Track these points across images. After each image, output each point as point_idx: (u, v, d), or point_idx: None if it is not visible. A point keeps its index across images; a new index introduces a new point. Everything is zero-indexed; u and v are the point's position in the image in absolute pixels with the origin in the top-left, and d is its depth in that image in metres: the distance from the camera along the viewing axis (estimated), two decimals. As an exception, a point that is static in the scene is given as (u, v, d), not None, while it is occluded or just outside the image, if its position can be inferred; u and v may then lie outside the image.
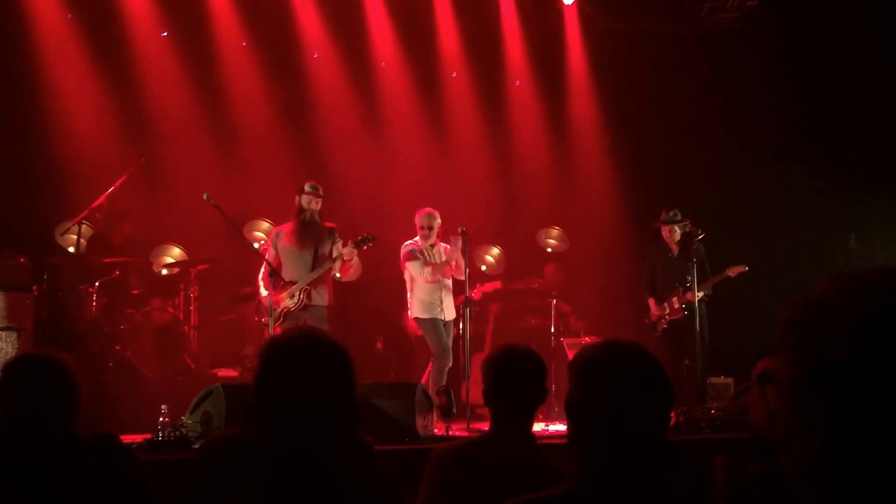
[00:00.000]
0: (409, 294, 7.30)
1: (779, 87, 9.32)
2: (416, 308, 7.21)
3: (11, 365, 2.52)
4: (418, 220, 7.24)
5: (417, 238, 7.27)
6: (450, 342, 7.12)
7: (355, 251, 6.88)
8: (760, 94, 9.41)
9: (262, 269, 6.99)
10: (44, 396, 2.44)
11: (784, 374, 1.00)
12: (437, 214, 7.25)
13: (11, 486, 2.29)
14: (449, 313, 7.21)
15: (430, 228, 7.16)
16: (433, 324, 7.11)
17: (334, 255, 6.90)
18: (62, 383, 2.48)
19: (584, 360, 1.74)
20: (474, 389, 6.83)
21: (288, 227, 7.03)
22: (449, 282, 7.23)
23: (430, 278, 7.09)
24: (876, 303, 0.96)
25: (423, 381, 7.04)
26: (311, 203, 6.95)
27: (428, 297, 7.15)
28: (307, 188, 7.00)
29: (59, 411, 2.46)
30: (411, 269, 7.20)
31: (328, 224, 7.11)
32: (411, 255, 7.21)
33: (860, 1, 8.72)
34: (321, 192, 7.02)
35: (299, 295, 6.82)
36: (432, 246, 7.23)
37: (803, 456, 0.96)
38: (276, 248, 7.01)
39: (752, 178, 9.44)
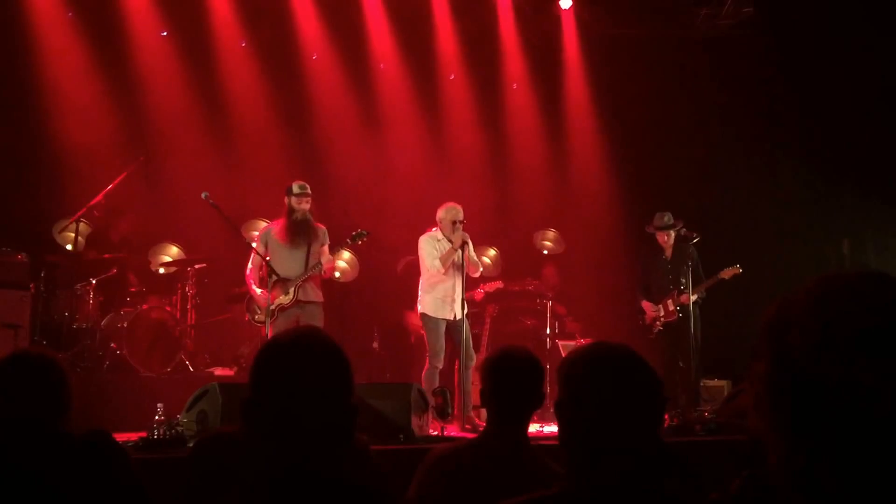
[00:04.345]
0: (420, 289, 7.15)
1: (773, 92, 9.38)
2: (425, 304, 7.07)
3: (4, 362, 2.50)
4: (440, 213, 7.07)
5: (434, 230, 7.12)
6: (464, 338, 6.90)
7: (333, 259, 6.87)
8: (755, 100, 9.46)
9: (249, 265, 7.00)
10: (36, 394, 2.44)
11: (757, 376, 1.00)
12: (459, 208, 7.03)
13: (3, 484, 2.29)
14: (459, 311, 6.99)
15: (453, 222, 6.94)
16: (437, 325, 7.00)
17: (321, 258, 6.89)
18: (54, 381, 2.48)
19: (572, 362, 1.76)
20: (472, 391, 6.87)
21: (279, 224, 7.03)
22: (461, 280, 6.97)
23: (442, 268, 6.94)
24: (847, 312, 0.95)
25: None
26: (300, 203, 6.94)
27: (440, 294, 7.00)
28: (295, 189, 6.98)
29: (51, 409, 2.46)
30: (423, 261, 7.07)
31: (319, 225, 7.10)
32: (425, 245, 7.08)
33: (855, 7, 8.77)
34: (309, 192, 6.99)
35: (293, 291, 6.85)
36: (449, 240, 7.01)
37: (775, 459, 0.96)
38: (265, 245, 7.00)
39: (746, 183, 9.48)
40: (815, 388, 0.93)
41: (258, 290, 6.90)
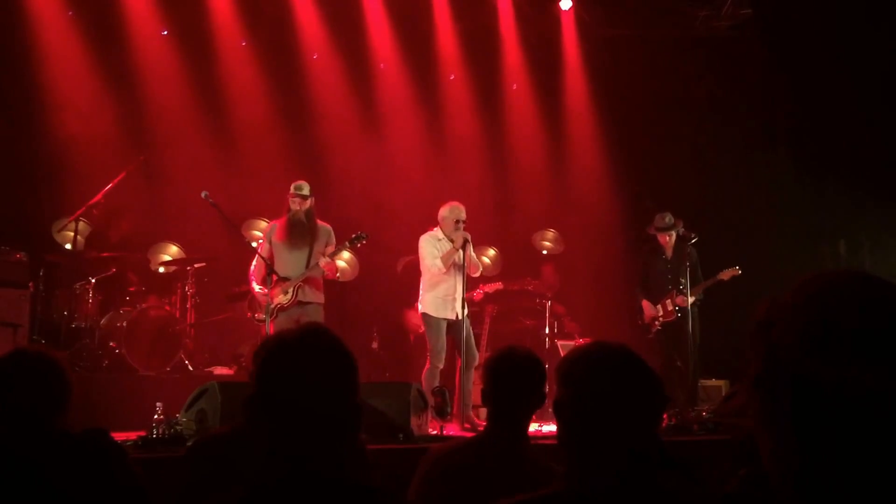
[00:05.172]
0: (421, 288, 7.14)
1: (772, 93, 9.40)
2: (426, 303, 7.06)
3: (3, 360, 2.50)
4: (442, 212, 7.04)
5: (435, 230, 7.11)
6: (465, 338, 6.88)
7: (333, 261, 6.89)
8: (754, 101, 9.48)
9: (253, 264, 7.00)
10: (35, 392, 2.44)
11: (749, 376, 1.00)
12: (462, 207, 7.01)
13: (1, 482, 2.29)
14: (460, 310, 6.95)
15: (456, 221, 6.93)
16: (437, 324, 6.98)
17: (320, 260, 6.89)
18: (54, 379, 2.48)
19: (571, 362, 1.76)
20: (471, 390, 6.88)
21: (281, 222, 7.04)
22: (462, 280, 6.93)
23: (444, 267, 6.91)
24: (834, 309, 0.95)
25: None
26: (294, 203, 6.94)
27: (441, 294, 6.98)
28: (291, 188, 6.99)
29: (50, 408, 2.46)
30: (424, 260, 7.06)
31: (323, 223, 7.10)
32: (426, 244, 7.06)
33: (853, 10, 8.78)
34: (305, 192, 6.95)
35: (292, 291, 6.85)
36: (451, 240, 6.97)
37: (769, 459, 0.96)
38: (269, 243, 7.02)
39: (744, 183, 9.50)
40: (810, 389, 0.93)
41: (258, 289, 6.90)
